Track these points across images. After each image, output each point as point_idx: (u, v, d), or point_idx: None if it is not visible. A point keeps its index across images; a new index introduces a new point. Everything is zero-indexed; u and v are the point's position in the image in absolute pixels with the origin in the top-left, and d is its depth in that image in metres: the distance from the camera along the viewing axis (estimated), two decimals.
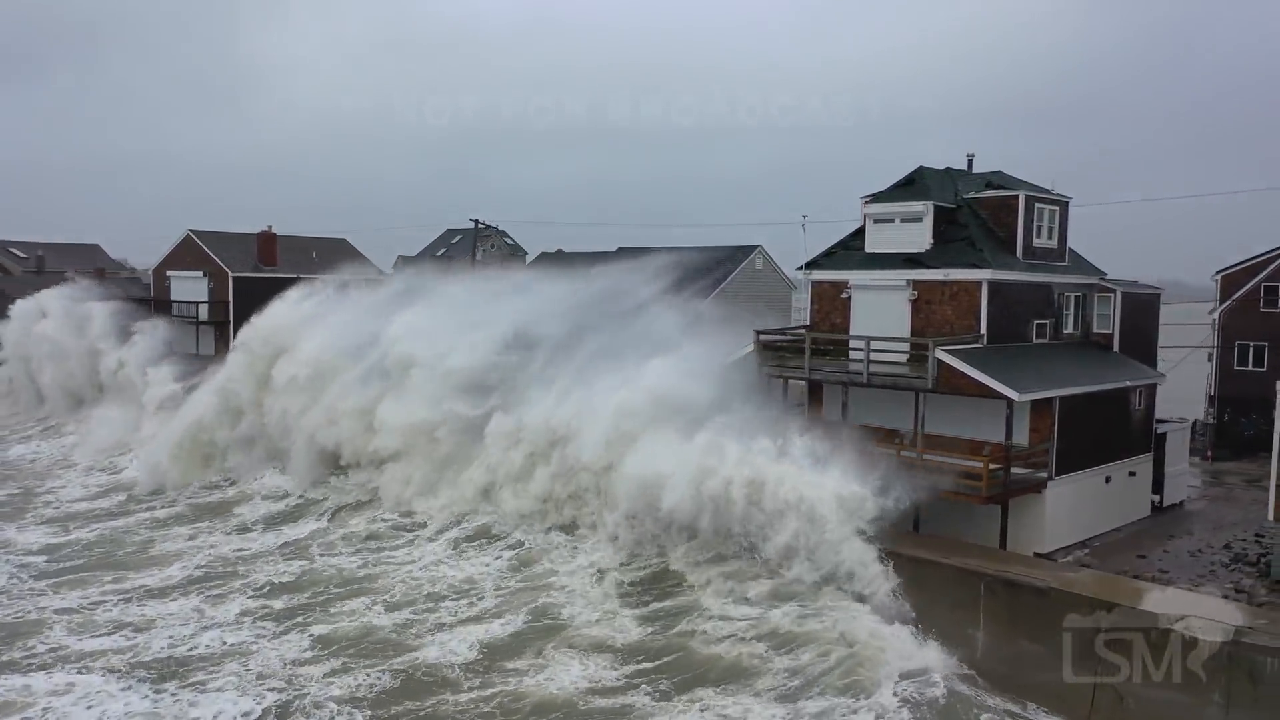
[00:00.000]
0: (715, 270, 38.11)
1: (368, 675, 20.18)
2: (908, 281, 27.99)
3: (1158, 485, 30.04)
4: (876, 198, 29.27)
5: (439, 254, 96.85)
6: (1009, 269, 27.31)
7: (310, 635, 22.33)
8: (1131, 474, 28.60)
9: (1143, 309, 31.17)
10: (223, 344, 52.99)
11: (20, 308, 53.95)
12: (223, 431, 36.60)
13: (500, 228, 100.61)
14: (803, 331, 29.35)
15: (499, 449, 29.96)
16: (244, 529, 31.21)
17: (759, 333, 29.55)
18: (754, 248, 37.88)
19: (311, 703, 18.87)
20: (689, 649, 20.90)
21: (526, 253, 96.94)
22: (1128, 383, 27.99)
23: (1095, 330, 30.58)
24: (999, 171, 30.10)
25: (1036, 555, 24.90)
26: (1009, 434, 24.20)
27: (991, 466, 23.62)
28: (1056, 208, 29.13)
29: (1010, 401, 24.01)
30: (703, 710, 18.56)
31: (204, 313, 53.22)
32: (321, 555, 28.32)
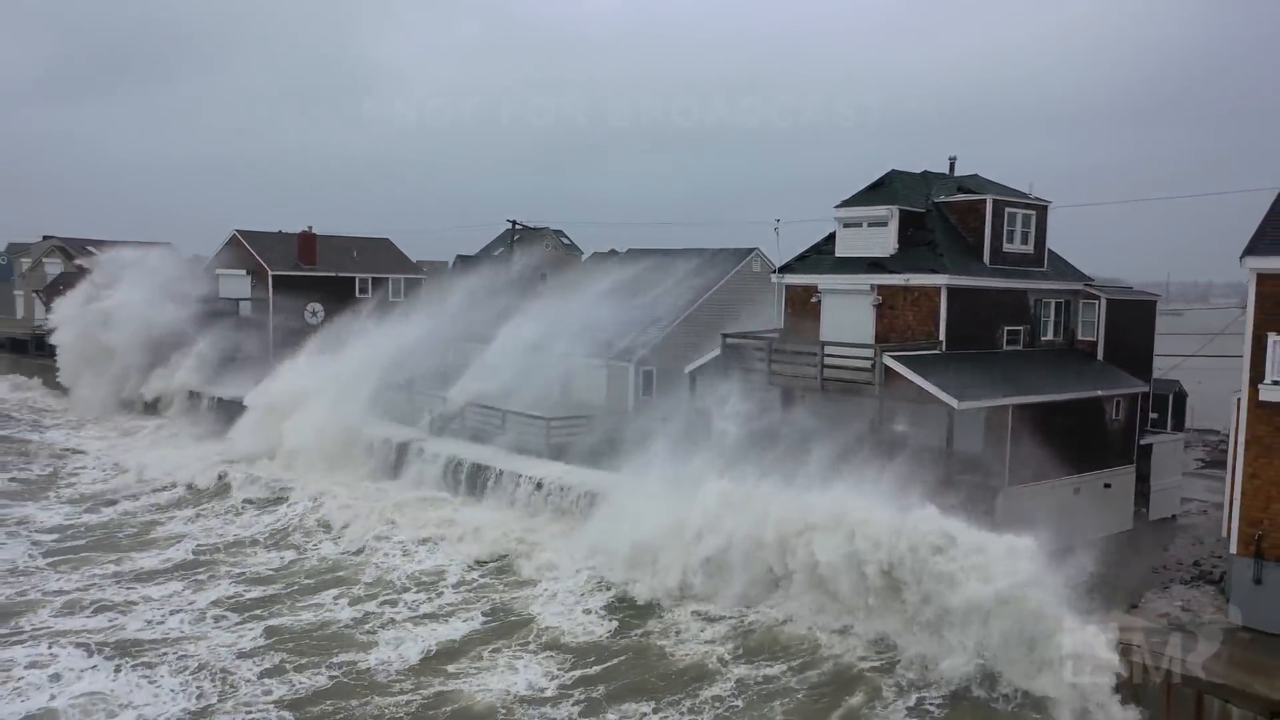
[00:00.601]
0: (710, 272, 38.30)
1: (303, 674, 20.78)
2: (871, 286, 27.82)
3: (1143, 498, 29.18)
4: (846, 202, 29.13)
5: (496, 253, 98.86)
6: (972, 274, 26.91)
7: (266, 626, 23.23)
8: (1107, 485, 27.83)
9: (1133, 316, 30.24)
10: (262, 339, 55.35)
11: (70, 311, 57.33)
12: None
13: (556, 228, 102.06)
14: (773, 335, 29.39)
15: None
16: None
17: (725, 335, 29.69)
18: (751, 250, 37.93)
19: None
20: None
21: (582, 252, 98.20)
22: (1097, 392, 27.26)
23: (1080, 337, 29.84)
24: (974, 175, 29.64)
25: None
26: (950, 440, 23.90)
27: None
28: (1033, 212, 28.55)
29: (950, 409, 23.70)
30: None
31: (246, 309, 55.57)
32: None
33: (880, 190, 28.88)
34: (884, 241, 28.00)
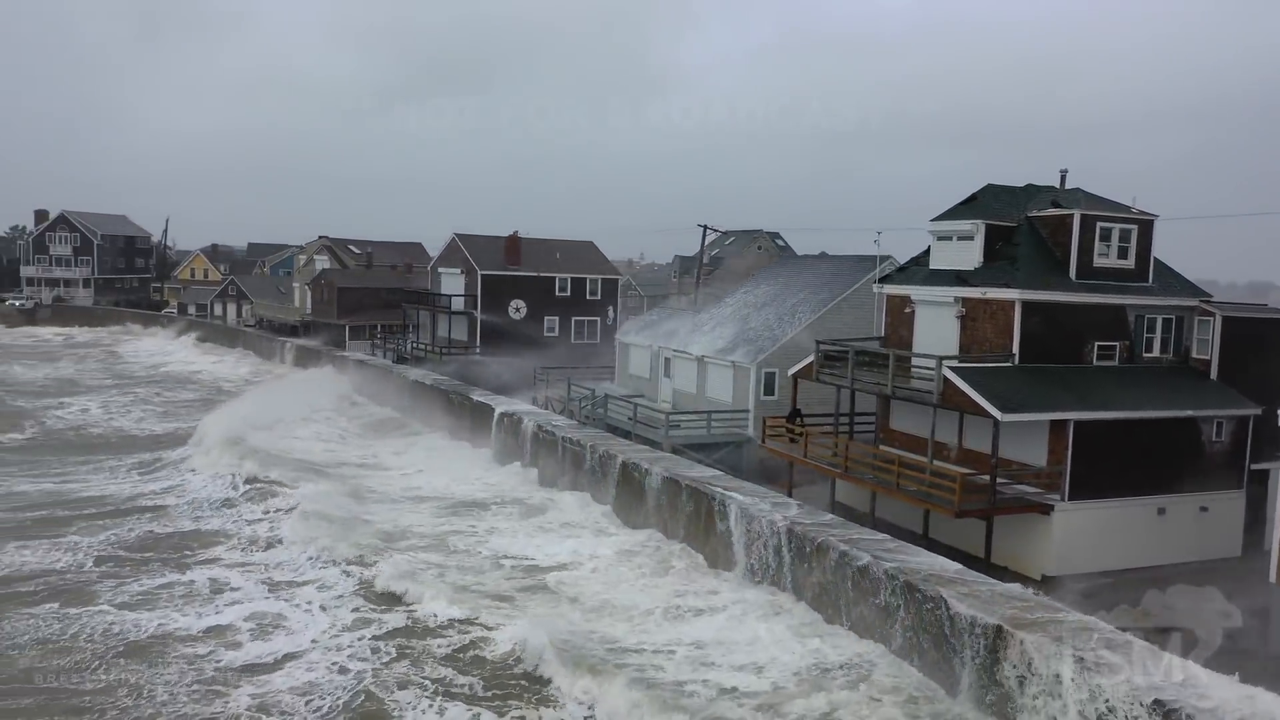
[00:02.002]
0: (847, 278, 39.48)
1: None
2: (955, 298, 28.58)
3: (1255, 525, 27.97)
4: (939, 217, 29.95)
5: (712, 253, 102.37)
6: (1052, 289, 27.09)
7: None
8: (1203, 509, 27.06)
9: (1255, 334, 28.90)
10: (472, 331, 61.94)
11: None
12: None
13: (771, 230, 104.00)
14: (857, 343, 30.75)
15: None
16: None
17: (819, 342, 31.33)
18: (886, 258, 38.76)
19: None
20: None
21: (795, 253, 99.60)
22: (1189, 412, 26.60)
23: (1195, 356, 28.97)
24: (1076, 189, 29.43)
25: (1044, 578, 25.09)
26: (995, 450, 24.57)
27: (969, 477, 24.24)
28: (1133, 226, 28.13)
29: (995, 420, 24.39)
30: None
31: (458, 304, 62.32)
32: None
33: (970, 205, 29.48)
34: (970, 255, 28.67)
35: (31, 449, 42.42)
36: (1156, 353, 28.70)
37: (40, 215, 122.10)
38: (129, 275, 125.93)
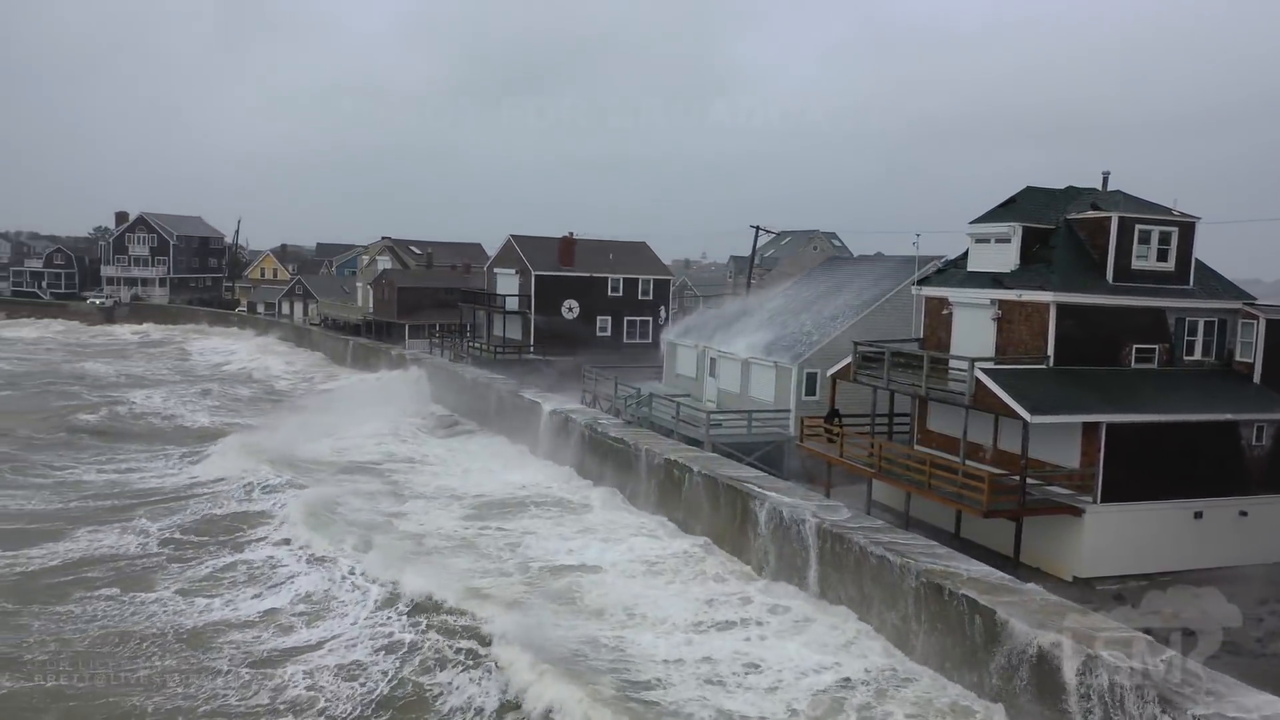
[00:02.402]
0: (888, 280, 39.65)
1: None
2: (992, 300, 28.75)
3: None
4: (977, 220, 30.11)
5: (767, 254, 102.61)
6: (1088, 291, 27.13)
7: None
8: (1243, 514, 26.85)
9: None
10: (526, 331, 63.23)
11: None
12: None
13: (827, 231, 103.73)
14: (894, 344, 31.04)
15: None
16: None
17: (856, 343, 31.69)
18: (931, 259, 38.83)
19: None
20: None
21: (851, 254, 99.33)
22: (1228, 416, 26.43)
23: (1239, 359, 28.73)
24: (1115, 191, 29.35)
25: (1075, 579, 25.21)
26: (1024, 451, 24.75)
27: (1000, 477, 24.46)
28: (1173, 229, 28.00)
29: (1025, 422, 24.57)
30: None
31: (512, 304, 63.65)
32: None
33: (1008, 207, 29.58)
34: (1006, 257, 28.81)
35: (98, 435, 44.85)
36: (1198, 356, 28.52)
37: (120, 217, 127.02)
38: (203, 274, 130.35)
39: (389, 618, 22.86)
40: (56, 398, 55.65)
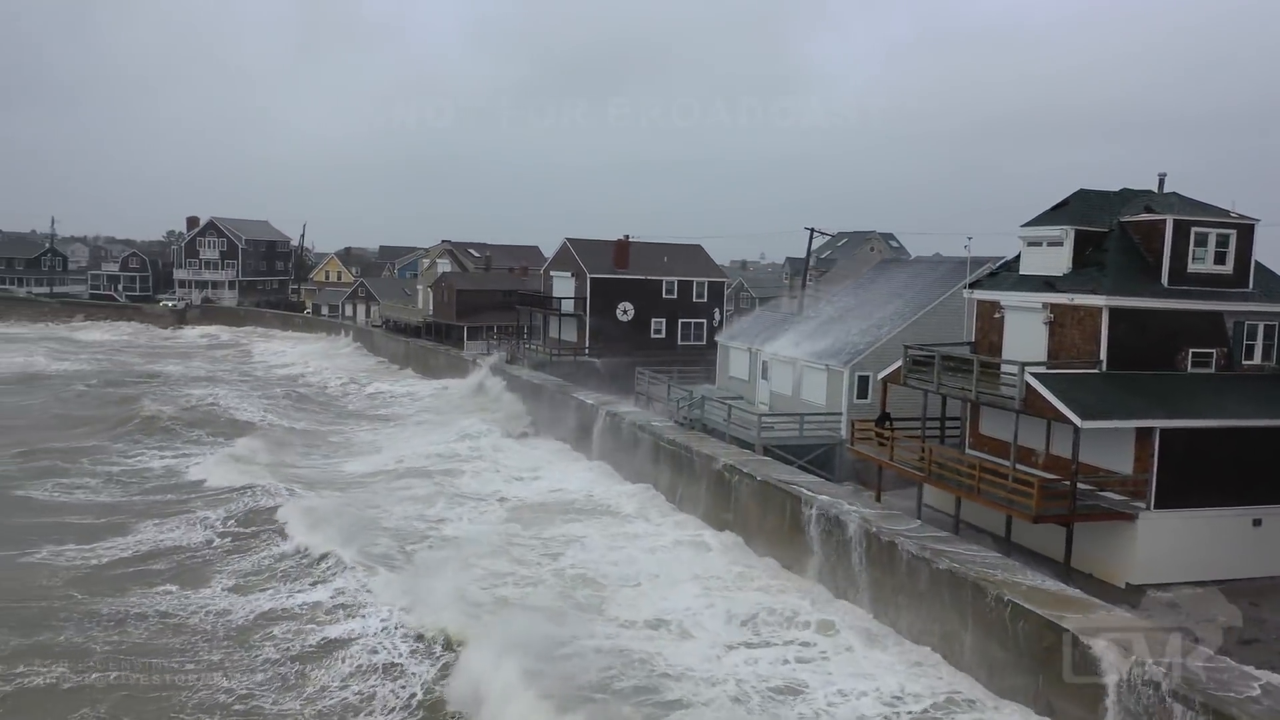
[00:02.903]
0: (942, 283, 39.47)
1: None
2: (1043, 304, 28.60)
3: None
4: (1029, 222, 29.96)
5: (824, 255, 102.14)
6: (1142, 295, 26.87)
7: None
8: None
9: None
10: (581, 333, 63.98)
11: None
12: None
13: (884, 232, 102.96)
14: (945, 348, 31.00)
15: None
16: None
17: (907, 347, 31.70)
18: (987, 261, 38.60)
19: None
20: None
21: (909, 255, 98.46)
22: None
23: None
24: (1171, 193, 28.97)
25: (1128, 585, 25.02)
26: (1075, 456, 24.63)
27: (1050, 482, 24.38)
28: (1231, 232, 27.58)
29: (1076, 427, 24.45)
30: None
31: (568, 307, 64.45)
32: None
33: (1060, 210, 29.39)
34: (1059, 261, 28.63)
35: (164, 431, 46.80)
36: (1258, 360, 28.04)
37: (191, 222, 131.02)
38: (270, 277, 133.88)
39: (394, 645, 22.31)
40: (120, 403, 56.26)
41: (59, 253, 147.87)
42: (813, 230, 70.47)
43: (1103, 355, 26.81)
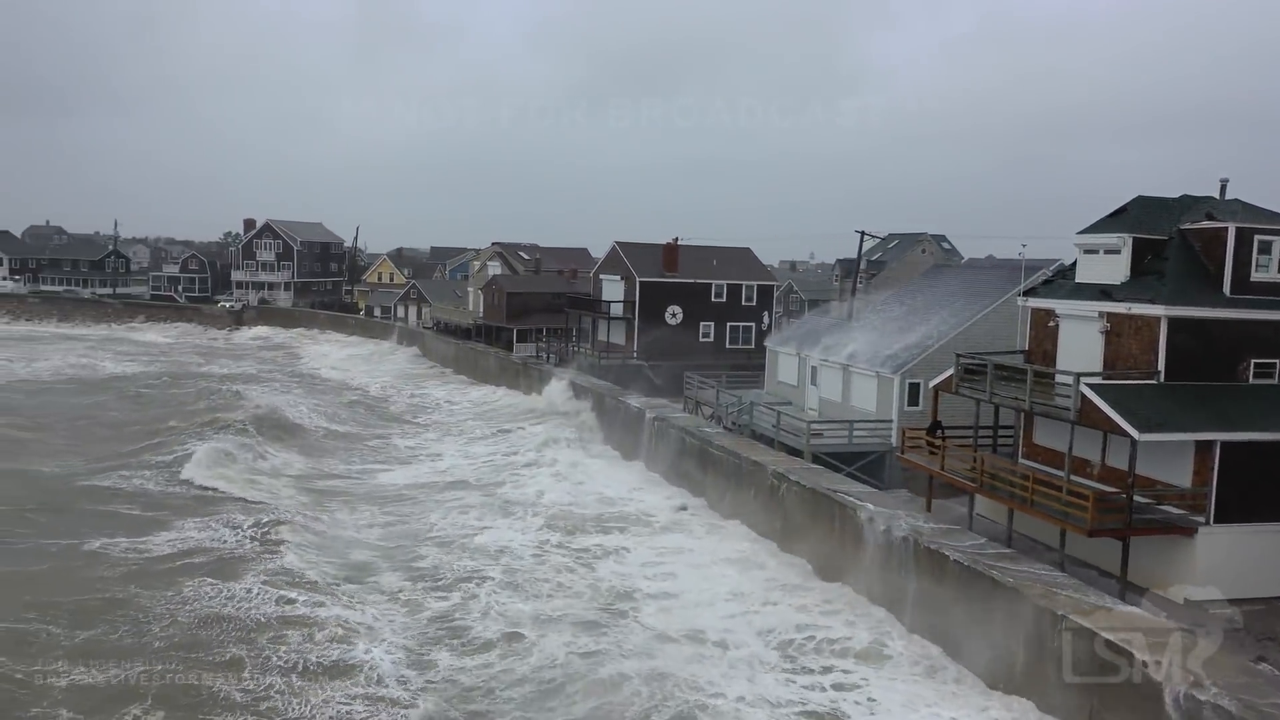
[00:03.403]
0: (995, 288, 38.98)
1: None
2: (1100, 313, 28.14)
3: None
4: (1086, 230, 29.51)
5: (874, 257, 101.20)
6: (1203, 305, 26.33)
7: None
8: None
9: None
10: (630, 336, 64.18)
11: None
12: None
13: (936, 234, 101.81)
14: (998, 356, 30.62)
15: None
16: None
17: (959, 355, 31.36)
18: (1047, 261, 38.12)
19: None
20: None
21: (961, 257, 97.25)
22: None
23: None
24: (1234, 200, 28.33)
25: (1187, 601, 24.55)
26: (1131, 469, 24.20)
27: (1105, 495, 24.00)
28: None
29: (1133, 439, 24.03)
30: None
31: (617, 310, 64.69)
32: None
33: (1118, 218, 28.91)
34: (1116, 269, 28.16)
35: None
36: None
37: (248, 224, 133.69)
38: (324, 278, 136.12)
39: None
40: (174, 406, 56.60)
41: (122, 254, 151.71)
42: (863, 233, 69.94)
43: (1161, 366, 26.32)
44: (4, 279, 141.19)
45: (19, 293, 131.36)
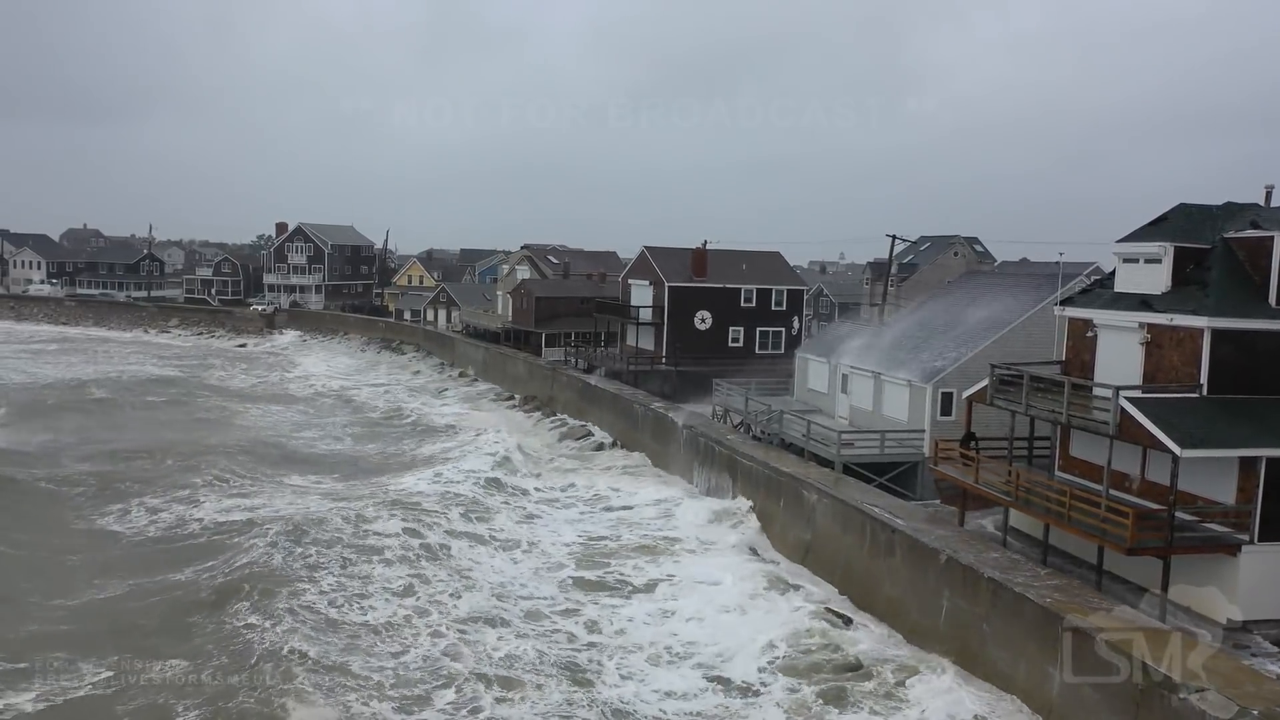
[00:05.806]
0: (1031, 295, 38.28)
1: None
2: (1140, 324, 27.47)
3: None
4: (1126, 238, 28.83)
5: (905, 260, 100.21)
6: (1248, 316, 25.60)
7: None
8: None
9: None
10: (659, 341, 63.86)
11: None
12: None
13: (969, 236, 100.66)
14: (1034, 367, 29.98)
15: None
16: None
17: (994, 366, 30.76)
18: (1085, 265, 37.40)
19: None
20: None
21: (994, 260, 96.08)
22: None
23: None
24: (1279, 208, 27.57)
25: (1230, 622, 23.90)
26: (1173, 486, 23.55)
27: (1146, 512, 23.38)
28: None
29: (1174, 455, 23.39)
30: None
31: (646, 315, 64.39)
32: None
33: (1159, 226, 28.21)
34: (1157, 279, 27.46)
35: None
36: None
37: (280, 227, 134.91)
38: (354, 281, 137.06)
39: None
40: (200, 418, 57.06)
41: (156, 258, 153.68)
42: (894, 237, 69.27)
43: (1203, 379, 25.62)
44: (41, 283, 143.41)
45: (56, 296, 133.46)
